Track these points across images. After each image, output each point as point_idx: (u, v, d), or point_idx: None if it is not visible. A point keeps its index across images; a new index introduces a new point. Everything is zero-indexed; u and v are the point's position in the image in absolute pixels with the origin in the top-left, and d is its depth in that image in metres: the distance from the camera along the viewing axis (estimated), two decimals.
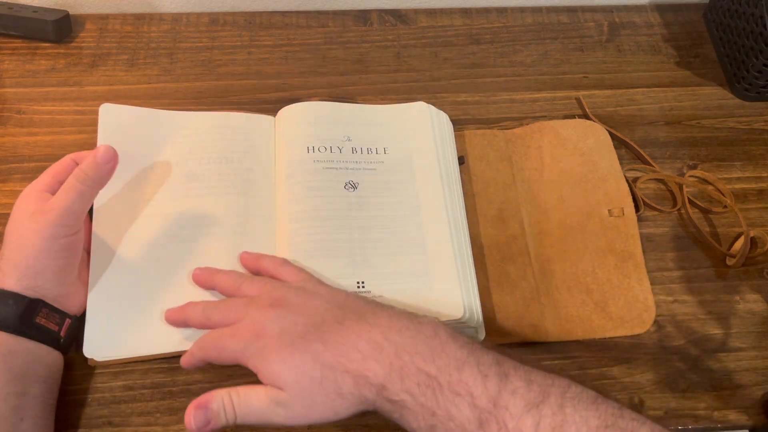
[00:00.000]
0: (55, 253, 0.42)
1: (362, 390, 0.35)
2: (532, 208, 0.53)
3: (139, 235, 0.47)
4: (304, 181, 0.50)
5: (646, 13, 0.68)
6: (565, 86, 0.62)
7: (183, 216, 0.48)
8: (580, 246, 0.51)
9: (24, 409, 0.39)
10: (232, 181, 0.50)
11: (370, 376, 0.35)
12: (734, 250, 0.52)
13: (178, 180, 0.50)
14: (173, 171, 0.50)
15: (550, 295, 0.49)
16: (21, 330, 0.40)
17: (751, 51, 0.58)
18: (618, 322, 0.48)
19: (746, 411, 0.46)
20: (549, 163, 0.55)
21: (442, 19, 0.67)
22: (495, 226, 0.52)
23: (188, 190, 0.49)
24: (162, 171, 0.50)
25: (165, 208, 0.48)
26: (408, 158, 0.53)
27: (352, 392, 0.36)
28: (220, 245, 0.47)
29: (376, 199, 0.50)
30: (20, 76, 0.59)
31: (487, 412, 0.33)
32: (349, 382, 0.36)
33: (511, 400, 0.33)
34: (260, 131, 0.53)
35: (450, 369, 0.35)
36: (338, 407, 0.36)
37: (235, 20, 0.65)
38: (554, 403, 0.33)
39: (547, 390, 0.34)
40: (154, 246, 0.47)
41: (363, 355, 0.36)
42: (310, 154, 0.51)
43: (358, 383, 0.35)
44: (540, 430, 0.32)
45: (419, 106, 0.55)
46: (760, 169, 0.57)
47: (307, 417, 0.36)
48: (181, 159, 0.50)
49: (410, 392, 0.35)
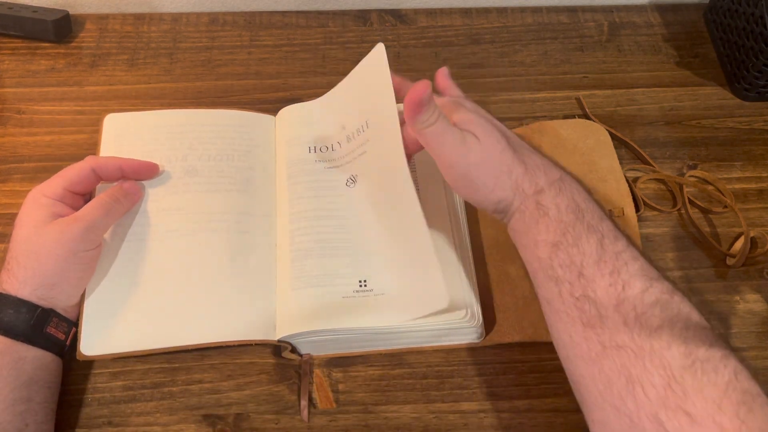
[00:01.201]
0: (75, 266, 0.42)
1: (523, 185, 0.39)
2: None
3: (137, 229, 0.47)
4: (306, 182, 0.50)
5: (646, 13, 0.68)
6: (565, 86, 0.62)
7: (182, 211, 0.48)
8: None
9: (29, 415, 0.39)
10: (232, 179, 0.50)
11: (538, 176, 0.39)
12: (734, 250, 0.52)
13: (178, 175, 0.49)
14: (173, 166, 0.50)
15: None
16: (31, 338, 0.40)
17: (751, 51, 0.58)
18: None
19: None
20: None
21: (442, 19, 0.67)
22: (495, 226, 0.52)
23: (188, 186, 0.49)
24: (162, 166, 0.49)
25: (164, 202, 0.48)
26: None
27: (516, 180, 0.39)
28: (220, 242, 0.47)
29: (375, 193, 0.49)
30: (20, 76, 0.59)
31: (609, 256, 0.35)
32: (520, 168, 0.39)
33: (631, 261, 0.35)
34: (261, 130, 0.53)
35: (594, 214, 0.38)
36: (498, 184, 0.39)
37: (235, 20, 0.65)
38: (665, 285, 0.34)
39: (663, 278, 0.35)
40: (152, 240, 0.47)
41: (536, 163, 0.40)
42: (312, 154, 0.51)
43: (526, 174, 0.39)
44: (646, 295, 0.33)
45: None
46: (760, 169, 0.57)
47: (477, 168, 0.39)
48: (181, 155, 0.50)
49: (559, 206, 0.38)
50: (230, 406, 0.45)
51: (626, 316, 0.33)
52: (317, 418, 0.45)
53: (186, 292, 0.45)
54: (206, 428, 0.44)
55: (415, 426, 0.44)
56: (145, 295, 0.45)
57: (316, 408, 0.45)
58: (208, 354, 0.46)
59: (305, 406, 0.44)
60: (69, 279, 0.42)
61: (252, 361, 0.46)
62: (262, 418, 0.44)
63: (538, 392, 0.46)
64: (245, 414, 0.44)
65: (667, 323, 0.32)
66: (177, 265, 0.46)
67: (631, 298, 0.33)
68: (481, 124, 0.40)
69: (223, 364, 0.46)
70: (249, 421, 0.44)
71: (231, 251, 0.47)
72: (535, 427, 0.45)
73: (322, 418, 0.45)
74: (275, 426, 0.44)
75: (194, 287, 0.45)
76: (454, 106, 0.42)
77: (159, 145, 0.51)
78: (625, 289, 0.34)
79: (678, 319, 0.32)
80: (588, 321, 0.34)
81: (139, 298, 0.45)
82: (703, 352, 0.31)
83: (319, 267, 0.46)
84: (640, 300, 0.33)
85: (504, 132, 0.41)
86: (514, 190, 0.39)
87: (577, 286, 0.35)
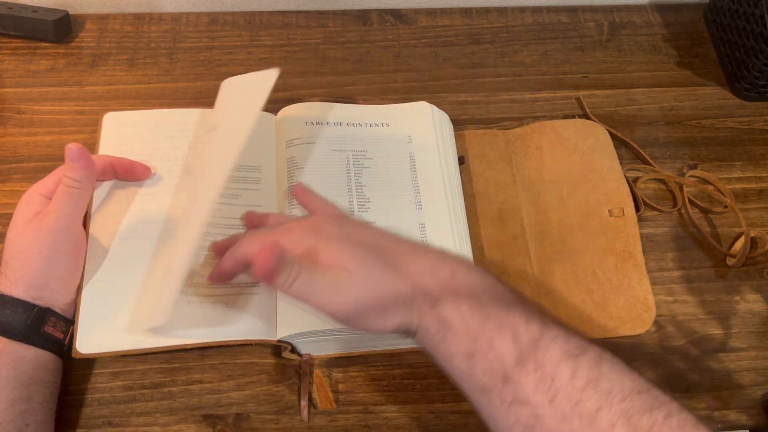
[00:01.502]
0: (60, 263, 0.42)
1: (416, 302, 0.35)
2: (532, 208, 0.53)
3: (139, 227, 0.47)
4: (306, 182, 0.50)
5: (646, 13, 0.68)
6: (565, 86, 0.62)
7: (182, 209, 0.48)
8: (581, 246, 0.51)
9: (29, 415, 0.39)
10: (232, 178, 0.50)
11: (428, 285, 0.35)
12: (734, 250, 0.52)
13: (178, 173, 0.49)
14: (173, 165, 0.50)
15: (550, 295, 0.49)
16: (29, 338, 0.40)
17: (751, 51, 0.58)
18: (618, 322, 0.48)
19: (746, 411, 0.46)
20: (549, 163, 0.55)
21: (442, 19, 0.67)
22: (495, 226, 0.52)
23: (187, 184, 0.49)
24: (160, 165, 0.49)
25: (163, 200, 0.48)
26: (410, 158, 0.53)
27: (406, 301, 0.35)
28: (218, 239, 0.47)
29: (378, 199, 0.50)
30: (20, 76, 0.59)
31: (528, 350, 0.33)
32: (407, 287, 0.35)
33: (551, 345, 0.33)
34: (261, 129, 0.53)
35: (499, 303, 0.35)
36: (389, 312, 0.35)
37: (235, 20, 0.65)
38: (592, 358, 0.33)
39: (586, 346, 0.33)
40: (149, 240, 0.47)
41: (422, 268, 0.36)
42: (312, 154, 0.51)
43: (415, 291, 0.35)
44: (576, 378, 0.32)
45: (421, 106, 0.55)
46: (761, 169, 0.57)
47: (360, 305, 0.35)
48: (180, 153, 0.50)
49: (461, 312, 0.34)
50: (230, 406, 0.45)
51: (563, 410, 0.32)
52: (317, 418, 0.45)
53: (185, 290, 0.45)
54: (206, 428, 0.44)
55: (415, 426, 0.44)
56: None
57: (316, 408, 0.45)
58: (208, 354, 0.46)
59: (305, 406, 0.44)
60: (57, 277, 0.42)
61: (252, 361, 0.46)
62: (262, 418, 0.44)
63: None
64: (245, 414, 0.44)
65: (604, 402, 0.31)
66: (176, 263, 0.46)
67: (563, 389, 0.32)
68: (349, 252, 0.36)
69: (223, 364, 0.46)
70: (249, 421, 0.44)
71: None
72: None
73: (322, 418, 0.45)
74: (275, 426, 0.44)
75: (193, 285, 0.45)
76: (315, 238, 0.37)
77: (159, 144, 0.50)
78: (554, 381, 0.32)
79: (614, 393, 0.31)
80: (527, 423, 0.33)
81: (136, 296, 0.45)
82: (646, 420, 0.30)
83: None
84: (572, 387, 0.32)
85: (375, 244, 0.37)
86: (408, 311, 0.35)
87: (507, 392, 0.33)
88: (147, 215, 0.47)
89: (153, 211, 0.48)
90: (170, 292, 0.40)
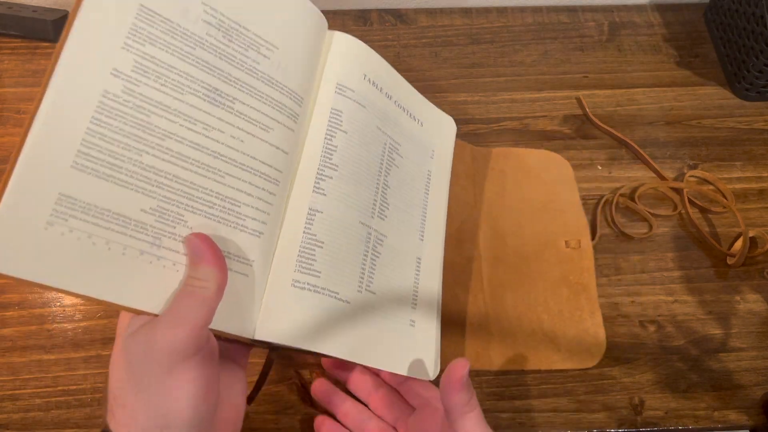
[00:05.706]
0: (180, 391, 0.30)
1: None
2: (490, 232, 0.52)
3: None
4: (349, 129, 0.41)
5: (647, 13, 0.68)
6: (565, 86, 0.62)
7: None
8: (535, 274, 0.50)
9: None
10: (264, 97, 0.37)
11: None
12: (734, 250, 0.52)
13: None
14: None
15: (499, 323, 0.48)
16: None
17: (751, 51, 0.58)
18: (566, 354, 0.47)
19: (746, 411, 0.46)
20: (511, 188, 0.54)
21: (442, 19, 0.67)
22: (451, 245, 0.50)
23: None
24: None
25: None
26: (427, 175, 0.49)
27: None
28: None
29: (394, 210, 0.45)
30: (20, 76, 0.59)
31: None
32: None
33: None
34: (312, 34, 0.43)
35: None
36: None
37: None
38: None
39: None
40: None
41: None
42: (359, 120, 0.42)
43: None
44: None
45: (448, 121, 0.54)
46: (761, 168, 0.57)
47: None
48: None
49: None
50: None
51: None
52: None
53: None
54: None
55: None
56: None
57: (316, 408, 0.45)
58: None
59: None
60: (179, 414, 0.31)
61: (252, 361, 0.46)
62: (262, 418, 0.44)
63: (538, 392, 0.46)
64: (245, 414, 0.44)
65: None
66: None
67: None
68: None
69: None
70: (249, 421, 0.44)
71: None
72: (535, 427, 0.45)
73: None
74: (275, 426, 0.44)
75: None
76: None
77: None
78: None
79: None
80: None
81: None
82: None
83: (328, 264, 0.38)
84: None
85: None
86: None
87: None
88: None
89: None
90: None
